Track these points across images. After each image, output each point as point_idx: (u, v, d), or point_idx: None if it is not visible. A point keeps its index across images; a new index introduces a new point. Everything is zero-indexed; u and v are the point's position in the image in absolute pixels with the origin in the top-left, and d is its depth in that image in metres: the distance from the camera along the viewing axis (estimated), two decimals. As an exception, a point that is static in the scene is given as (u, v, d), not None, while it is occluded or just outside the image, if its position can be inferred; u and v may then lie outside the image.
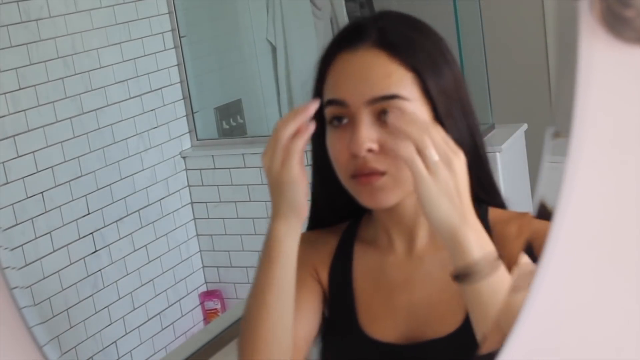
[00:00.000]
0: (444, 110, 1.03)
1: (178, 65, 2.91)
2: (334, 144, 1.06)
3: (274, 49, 3.03)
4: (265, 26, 3.02)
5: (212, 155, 2.90)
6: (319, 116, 1.05)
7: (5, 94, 2.31)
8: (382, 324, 1.11)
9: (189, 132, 2.96)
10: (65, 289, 2.45)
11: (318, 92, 1.08)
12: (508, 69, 1.14)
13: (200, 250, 3.01)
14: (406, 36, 1.04)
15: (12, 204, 2.31)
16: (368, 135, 1.01)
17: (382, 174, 1.02)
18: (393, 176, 1.03)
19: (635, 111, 0.67)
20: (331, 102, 1.05)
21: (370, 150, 1.02)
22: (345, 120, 1.04)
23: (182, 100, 2.94)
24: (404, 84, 1.02)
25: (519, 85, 1.24)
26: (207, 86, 3.00)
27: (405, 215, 1.09)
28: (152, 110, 2.81)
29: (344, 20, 3.02)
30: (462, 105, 1.07)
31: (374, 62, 1.02)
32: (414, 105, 1.02)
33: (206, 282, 3.03)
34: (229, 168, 2.89)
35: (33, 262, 2.35)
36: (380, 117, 1.02)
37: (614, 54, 0.64)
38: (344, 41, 1.05)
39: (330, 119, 1.06)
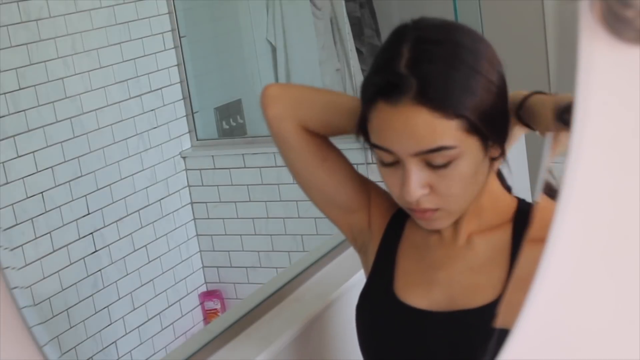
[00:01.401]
0: (492, 131, 1.06)
1: (178, 65, 2.91)
2: (386, 178, 1.10)
3: (274, 49, 3.03)
4: (265, 26, 3.02)
5: (212, 155, 2.91)
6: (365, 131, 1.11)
7: (5, 94, 2.31)
8: (416, 291, 1.16)
9: (189, 132, 2.96)
10: (65, 289, 2.45)
11: (363, 127, 1.11)
12: (508, 69, 1.14)
13: (200, 251, 3.01)
14: (446, 84, 1.03)
15: (12, 204, 2.31)
16: (418, 183, 1.05)
17: (435, 210, 1.08)
18: (447, 210, 1.09)
19: (635, 111, 0.67)
20: (378, 147, 1.08)
21: (422, 195, 1.07)
22: (394, 161, 1.07)
23: (182, 100, 2.94)
24: (448, 134, 1.03)
25: (519, 85, 1.24)
26: (207, 86, 3.00)
27: None
28: (152, 110, 2.81)
29: (344, 20, 3.02)
30: (503, 112, 1.10)
31: (417, 119, 1.03)
32: (460, 148, 1.04)
33: (206, 282, 3.04)
34: (229, 168, 2.89)
35: (33, 262, 2.35)
36: (428, 162, 1.05)
37: (614, 54, 0.64)
38: (383, 91, 1.05)
39: (380, 157, 1.09)
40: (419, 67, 1.03)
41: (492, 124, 1.06)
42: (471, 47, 1.07)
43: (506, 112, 1.10)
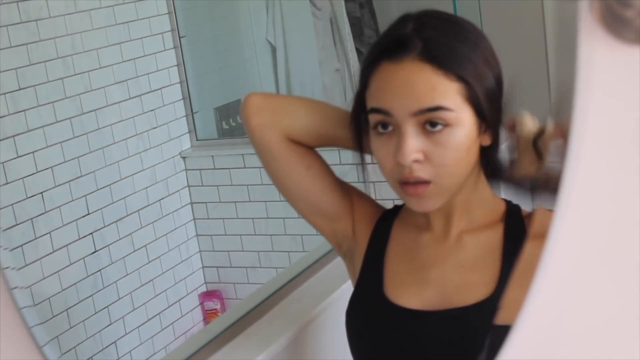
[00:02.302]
0: (487, 111, 1.08)
1: (178, 65, 2.91)
2: (379, 149, 1.10)
3: (274, 49, 3.03)
4: (265, 26, 3.02)
5: (212, 156, 2.91)
6: (359, 115, 1.12)
7: (5, 94, 2.31)
8: (408, 292, 1.16)
9: (189, 132, 2.96)
10: (65, 289, 2.45)
11: (361, 97, 1.12)
12: (508, 69, 1.14)
13: (200, 251, 3.01)
14: (450, 47, 1.07)
15: (12, 204, 2.31)
16: (414, 146, 1.05)
17: (428, 182, 1.07)
18: (438, 184, 1.08)
19: (635, 111, 0.67)
20: (376, 110, 1.09)
21: (416, 160, 1.06)
22: (390, 128, 1.08)
23: (182, 101, 2.94)
24: (448, 95, 1.05)
25: (519, 85, 1.24)
26: (207, 86, 3.00)
27: (444, 203, 1.15)
28: (152, 110, 2.81)
29: (343, 20, 3.02)
30: (500, 95, 1.11)
31: (418, 75, 1.05)
32: (457, 114, 1.05)
33: (206, 282, 3.04)
34: (229, 168, 2.89)
35: (33, 262, 2.35)
36: (425, 126, 1.05)
37: (614, 54, 0.64)
38: (388, 50, 1.07)
39: (375, 124, 1.09)
40: (425, 31, 1.07)
41: (490, 104, 1.08)
42: (473, 30, 1.11)
43: (500, 108, 1.12)
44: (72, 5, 2.52)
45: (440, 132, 1.05)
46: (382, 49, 1.08)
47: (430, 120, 1.05)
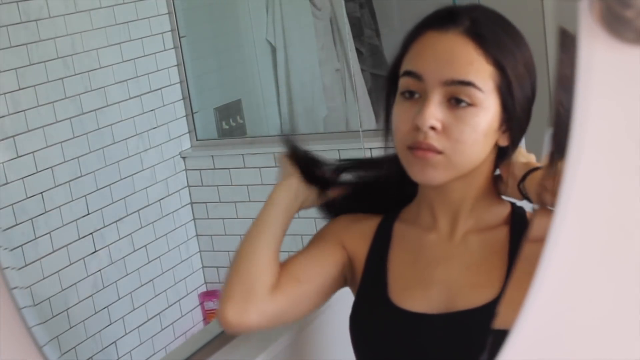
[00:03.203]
0: (513, 107, 1.09)
1: (178, 65, 2.90)
2: (400, 113, 1.11)
3: (274, 49, 3.03)
4: (265, 26, 3.02)
5: (212, 156, 2.90)
6: (391, 81, 1.12)
7: (5, 94, 2.30)
8: (413, 295, 1.16)
9: (189, 132, 2.96)
10: (65, 289, 2.45)
11: (398, 62, 1.13)
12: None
13: (200, 251, 3.01)
14: (495, 32, 1.09)
15: (12, 204, 2.31)
16: (435, 113, 1.06)
17: (439, 152, 1.07)
18: (448, 157, 1.08)
19: (635, 111, 0.67)
20: (408, 73, 1.10)
21: (432, 128, 1.06)
22: (417, 96, 1.09)
23: (182, 101, 2.93)
24: (482, 75, 1.06)
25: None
26: (207, 86, 3.00)
27: (453, 196, 1.15)
28: (152, 110, 2.81)
29: (343, 20, 3.02)
30: (527, 104, 1.12)
31: (460, 47, 1.07)
32: (486, 96, 1.07)
33: (206, 283, 3.03)
34: (229, 168, 2.89)
35: (33, 262, 2.35)
36: (450, 100, 1.07)
37: (614, 54, 0.65)
38: (436, 20, 1.10)
39: (403, 90, 1.10)
40: (475, 13, 1.10)
41: (518, 103, 1.09)
42: (522, 36, 1.14)
43: (530, 112, 1.13)
44: (72, 5, 2.52)
45: (464, 109, 1.06)
46: (431, 18, 1.10)
47: (458, 95, 1.06)
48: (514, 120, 1.09)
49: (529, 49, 1.13)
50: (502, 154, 1.14)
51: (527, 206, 1.21)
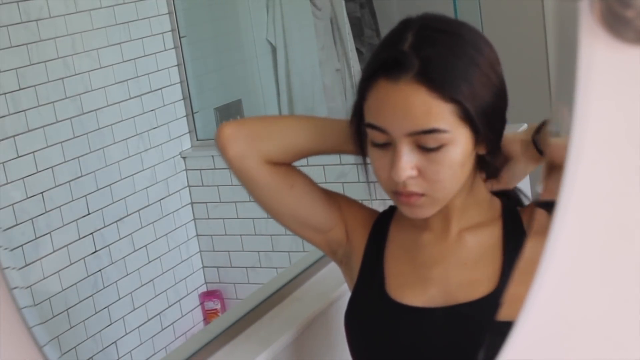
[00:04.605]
0: (483, 128, 1.08)
1: (178, 65, 2.91)
2: (376, 161, 1.12)
3: (274, 49, 3.03)
4: (265, 26, 3.02)
5: (212, 156, 2.90)
6: (359, 123, 1.13)
7: (5, 94, 2.31)
8: (412, 291, 1.17)
9: (189, 132, 2.96)
10: (65, 289, 2.45)
11: (359, 108, 1.13)
12: (508, 69, 1.15)
13: (200, 251, 3.01)
14: (446, 66, 1.07)
15: (12, 204, 2.31)
16: (408, 163, 1.07)
17: (421, 195, 1.09)
18: (431, 197, 1.10)
19: (635, 111, 0.67)
20: (372, 127, 1.10)
21: (409, 177, 1.08)
22: (387, 144, 1.09)
23: (182, 101, 2.93)
24: (443, 117, 1.06)
25: (519, 85, 1.25)
26: (207, 86, 3.00)
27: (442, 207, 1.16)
28: (152, 110, 2.81)
29: (344, 20, 3.02)
30: (499, 114, 1.12)
31: (414, 97, 1.05)
32: (452, 134, 1.06)
33: (206, 283, 3.03)
34: (229, 168, 2.89)
35: (33, 262, 2.35)
36: (420, 144, 1.07)
37: (614, 54, 0.64)
38: (386, 67, 1.08)
39: (373, 140, 1.11)
40: (422, 49, 1.07)
41: (486, 119, 1.08)
42: (473, 42, 1.10)
43: (502, 113, 1.12)
44: (72, 5, 2.52)
45: (435, 151, 1.07)
46: (380, 64, 1.08)
47: (424, 144, 1.06)
48: (489, 134, 1.10)
49: (484, 53, 1.10)
50: (482, 159, 1.14)
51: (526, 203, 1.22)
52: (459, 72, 1.07)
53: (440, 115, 1.05)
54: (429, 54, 1.06)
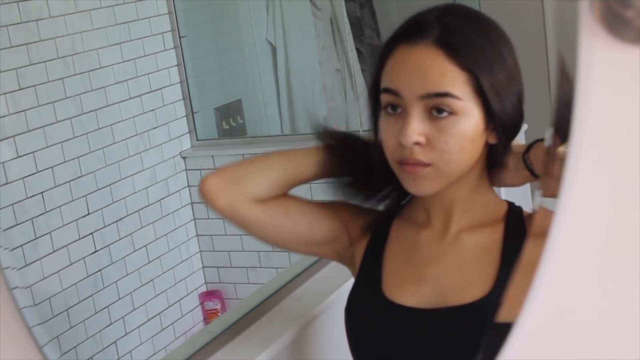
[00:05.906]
0: (496, 106, 1.09)
1: (178, 65, 2.91)
2: (386, 129, 1.12)
3: (274, 49, 3.03)
4: (265, 26, 3.02)
5: (212, 156, 2.91)
6: (375, 96, 1.14)
7: (5, 94, 2.31)
8: (405, 290, 1.17)
9: (189, 132, 2.96)
10: (65, 289, 2.45)
11: (377, 78, 1.14)
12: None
13: (200, 251, 3.01)
14: (466, 37, 1.08)
15: (12, 204, 2.31)
16: (417, 128, 1.07)
17: (427, 165, 1.08)
18: (436, 168, 1.09)
19: (635, 111, 0.67)
20: (387, 91, 1.10)
21: (417, 143, 1.07)
22: (399, 109, 1.09)
23: (182, 101, 2.94)
24: (457, 83, 1.06)
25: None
26: (207, 86, 3.00)
27: (445, 197, 1.16)
28: (152, 110, 2.81)
29: (344, 20, 3.02)
30: (514, 98, 1.12)
31: (431, 60, 1.07)
32: (465, 103, 1.07)
33: (206, 283, 3.03)
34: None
35: (33, 262, 2.35)
36: (431, 112, 1.07)
37: (614, 54, 0.64)
38: (406, 33, 1.09)
39: (385, 105, 1.11)
40: (445, 18, 1.09)
41: (499, 100, 1.09)
42: (496, 31, 1.13)
43: (517, 105, 1.13)
44: (72, 5, 2.52)
45: (445, 119, 1.07)
46: (401, 31, 1.10)
47: (437, 106, 1.06)
48: (501, 118, 1.10)
49: (506, 42, 1.12)
50: (494, 152, 1.14)
51: (526, 208, 1.22)
52: (478, 45, 1.08)
53: (455, 80, 1.06)
54: (450, 22, 1.08)
